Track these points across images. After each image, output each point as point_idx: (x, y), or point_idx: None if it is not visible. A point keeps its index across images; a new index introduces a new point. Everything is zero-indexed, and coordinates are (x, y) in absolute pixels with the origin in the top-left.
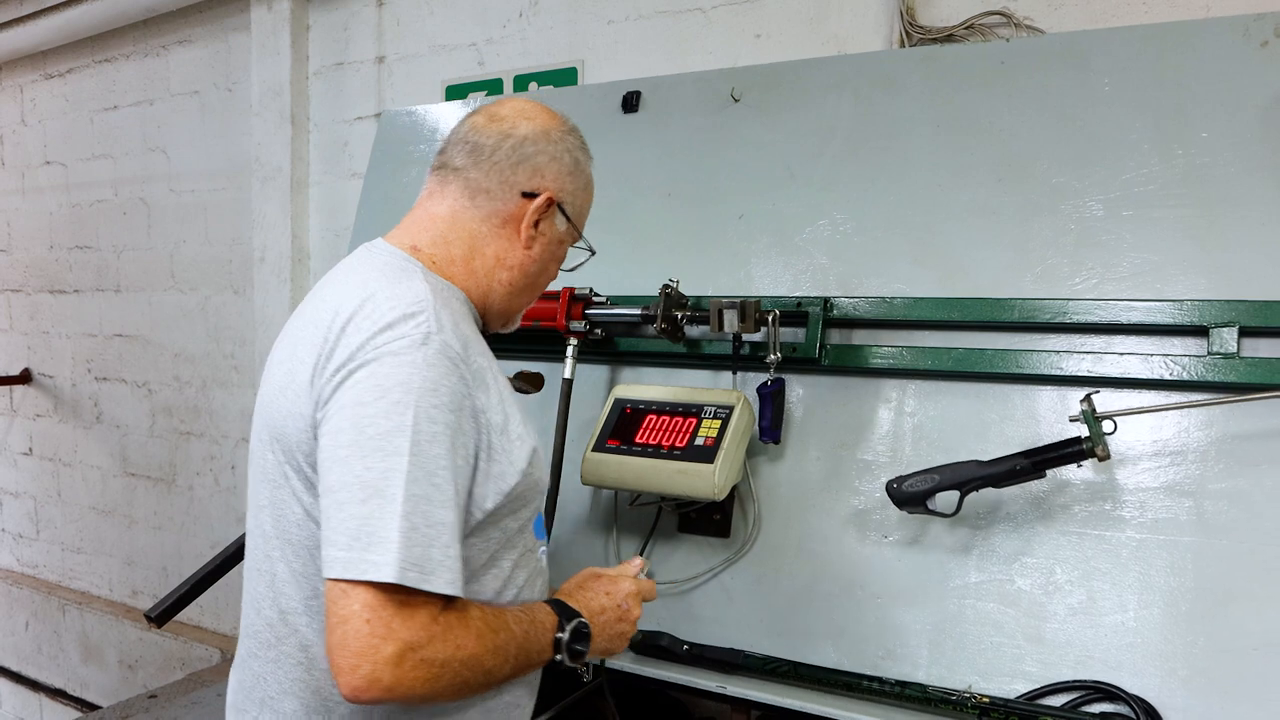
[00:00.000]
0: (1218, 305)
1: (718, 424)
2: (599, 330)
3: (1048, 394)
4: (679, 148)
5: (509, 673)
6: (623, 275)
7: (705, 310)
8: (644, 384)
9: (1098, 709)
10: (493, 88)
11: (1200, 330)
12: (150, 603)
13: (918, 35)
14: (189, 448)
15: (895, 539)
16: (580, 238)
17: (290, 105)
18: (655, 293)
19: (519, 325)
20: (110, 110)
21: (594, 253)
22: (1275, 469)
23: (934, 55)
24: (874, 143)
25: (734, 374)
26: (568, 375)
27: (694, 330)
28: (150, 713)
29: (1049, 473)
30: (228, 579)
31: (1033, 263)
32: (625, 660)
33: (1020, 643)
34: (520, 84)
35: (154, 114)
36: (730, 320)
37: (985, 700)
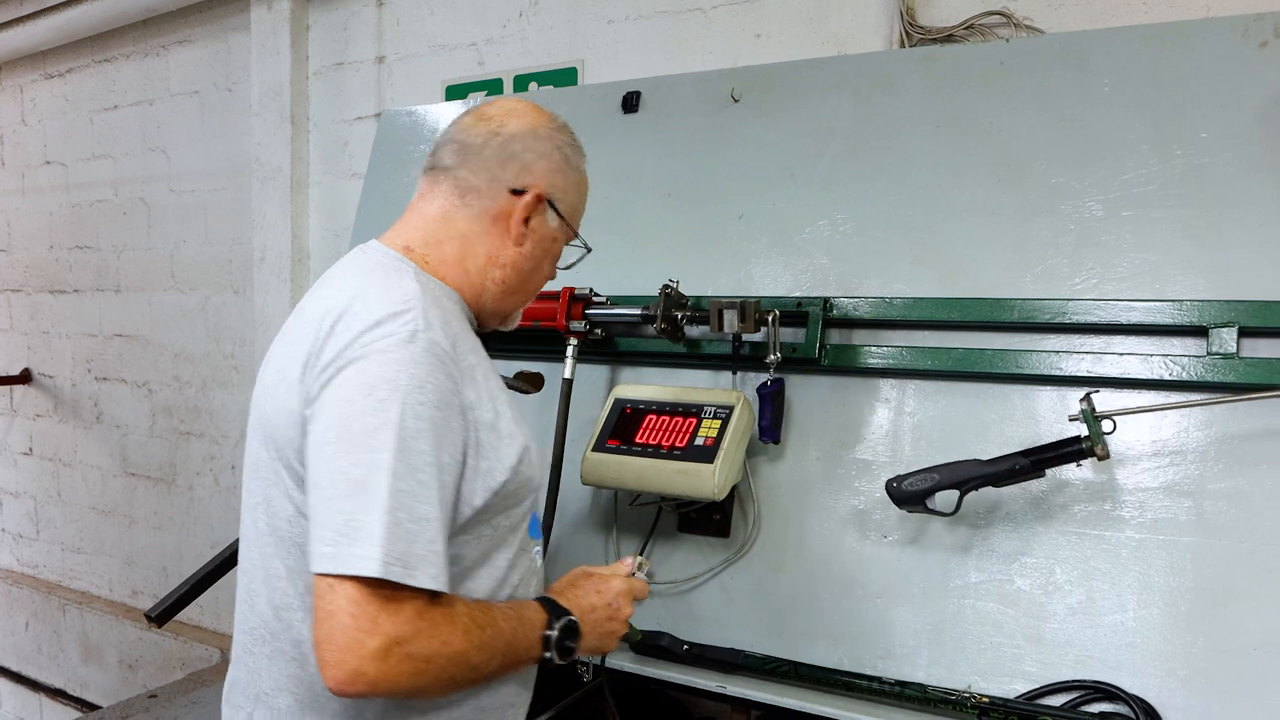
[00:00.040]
0: (1217, 305)
1: (718, 424)
2: (599, 330)
3: (1047, 394)
4: (679, 148)
5: (496, 669)
6: (623, 275)
7: (705, 310)
8: (644, 384)
9: (1097, 709)
10: (493, 88)
11: (1200, 330)
12: (150, 602)
13: (918, 35)
14: (189, 448)
15: (895, 539)
16: (575, 235)
17: (290, 105)
18: (655, 293)
19: (519, 323)
20: (110, 110)
21: (589, 250)
22: (1275, 469)
23: (934, 55)
24: (874, 143)
25: (734, 374)
26: (568, 375)
27: (694, 330)
28: (150, 713)
29: (1048, 472)
30: (228, 579)
31: (1032, 263)
32: (625, 660)
33: (1020, 642)
34: (520, 84)
35: (154, 114)
36: (730, 320)
37: (985, 700)
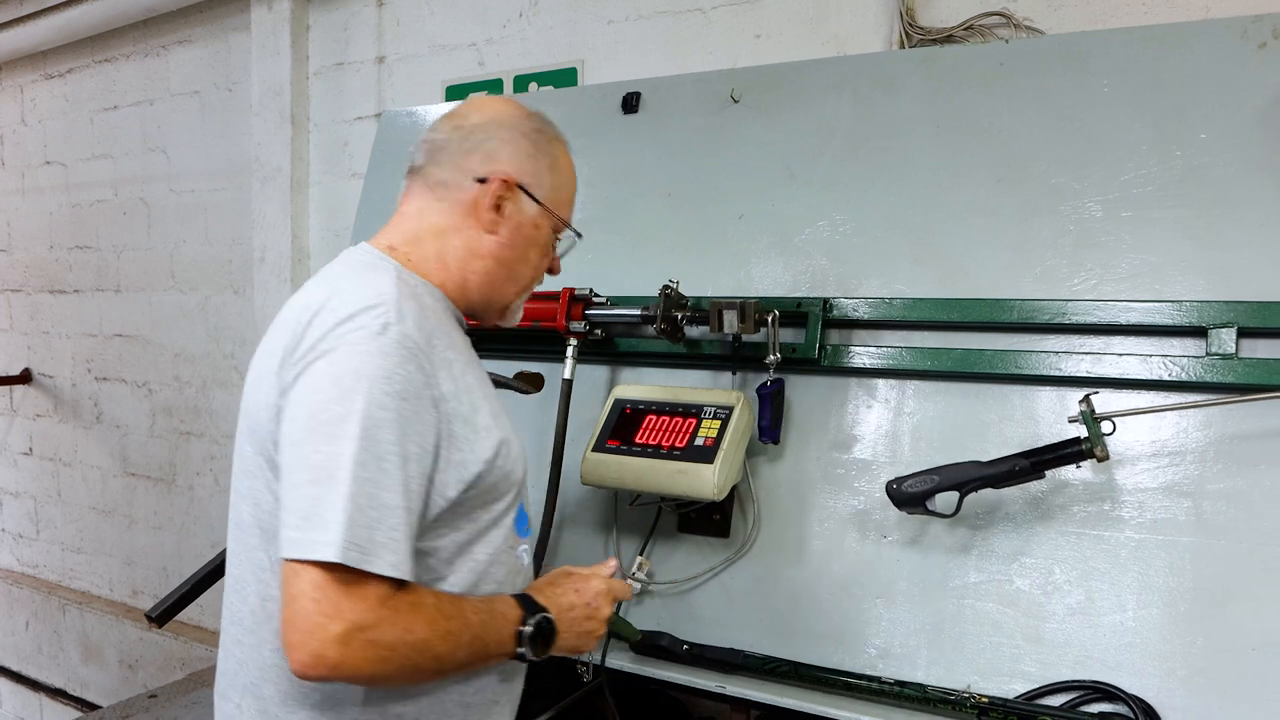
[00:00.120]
0: (1216, 306)
1: (717, 424)
2: (599, 331)
3: (1047, 394)
4: (679, 148)
5: (464, 660)
6: (623, 275)
7: (705, 311)
8: (644, 384)
9: (1096, 709)
10: (493, 88)
11: (1199, 331)
12: (150, 602)
13: (917, 36)
14: (189, 448)
15: (894, 539)
16: (557, 218)
17: (290, 105)
18: (655, 293)
19: (520, 318)
20: (110, 110)
21: (579, 235)
22: (1274, 469)
23: (934, 56)
24: (874, 143)
25: (734, 374)
26: (567, 375)
27: (694, 330)
28: (150, 712)
29: (1048, 473)
30: None
31: (1032, 263)
32: (625, 660)
33: (1019, 642)
34: (520, 84)
35: (154, 114)
36: (730, 321)
37: (984, 700)
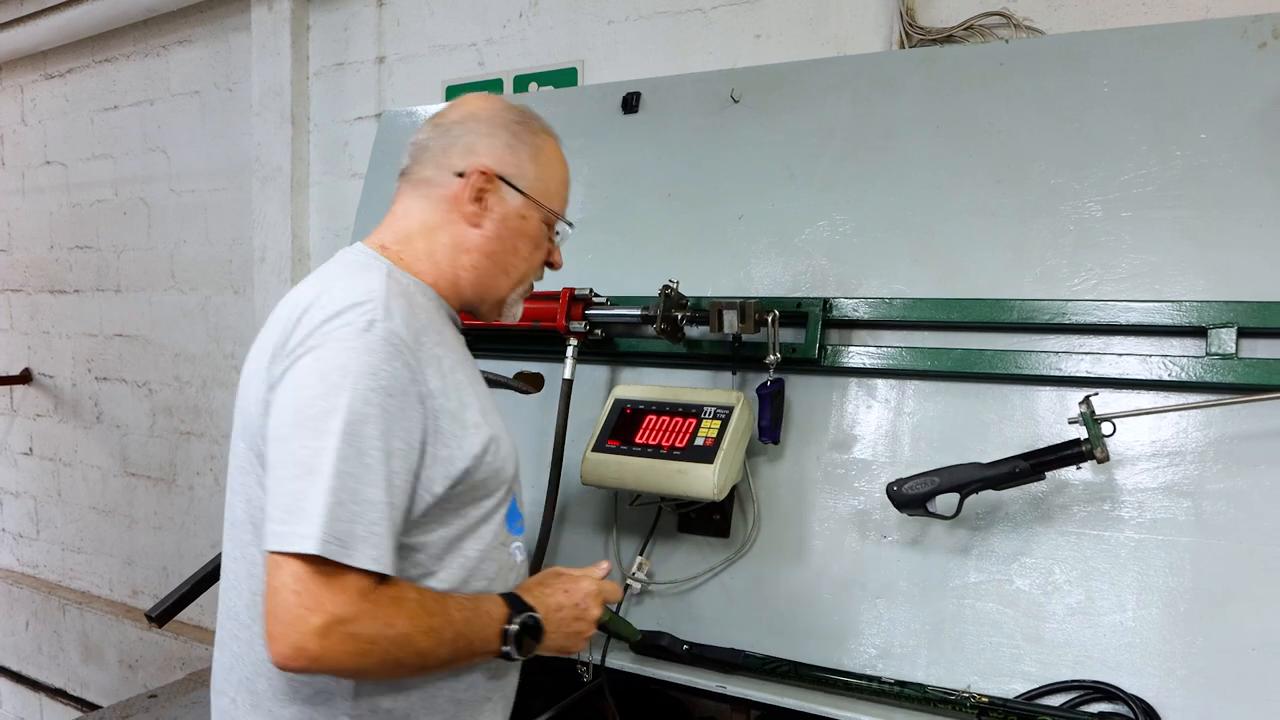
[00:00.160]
0: (1216, 306)
1: (717, 424)
2: (599, 331)
3: (1046, 394)
4: (679, 148)
5: (447, 657)
6: (623, 275)
7: (705, 311)
8: (644, 384)
9: (1096, 709)
10: (493, 88)
11: (1199, 331)
12: (150, 602)
13: (917, 36)
14: (189, 447)
15: (894, 539)
16: (545, 209)
17: (290, 105)
18: (655, 293)
19: (520, 315)
20: (110, 110)
21: (570, 224)
22: (1274, 469)
23: (933, 56)
24: (873, 144)
25: (734, 374)
26: (568, 375)
27: (694, 331)
28: (150, 712)
29: (1048, 474)
30: None
31: (1031, 264)
32: (625, 660)
33: (1019, 642)
34: (520, 84)
35: (154, 114)
36: (730, 321)
37: (984, 700)
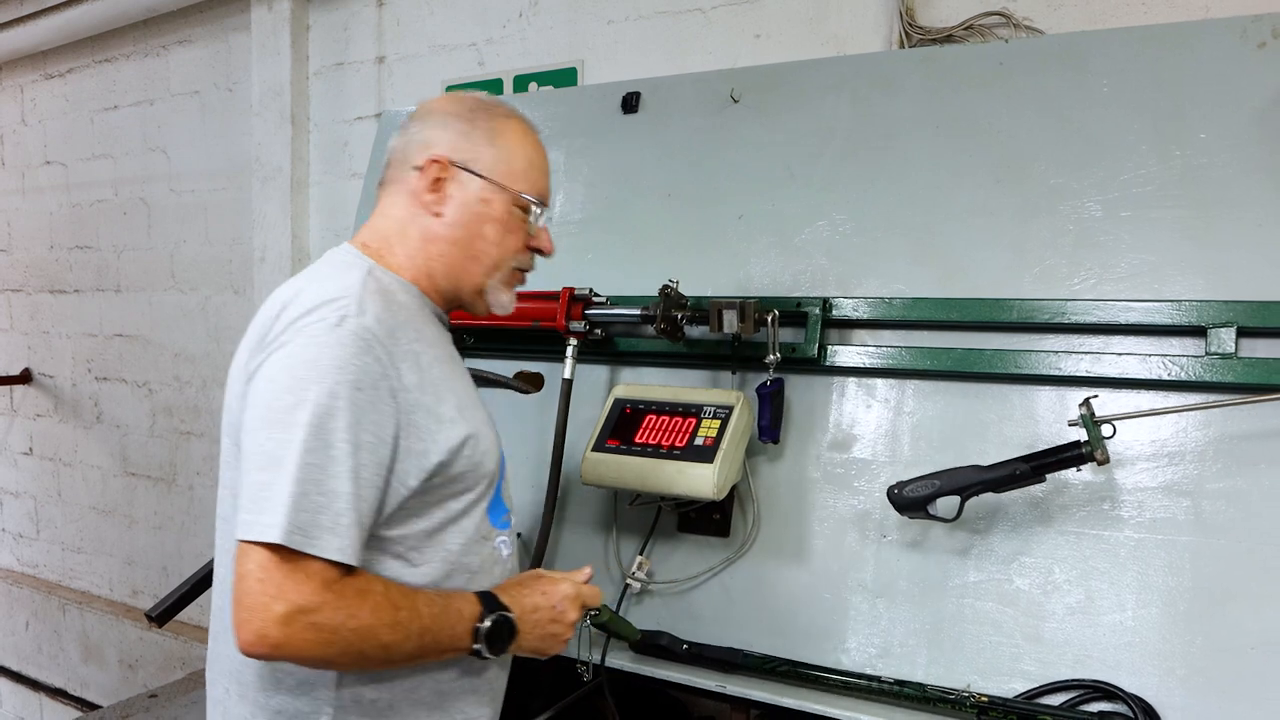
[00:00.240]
0: (1215, 305)
1: (717, 424)
2: (599, 330)
3: (1046, 394)
4: (679, 148)
5: (413, 651)
6: (623, 275)
7: (705, 310)
8: (644, 384)
9: (1096, 708)
10: (493, 88)
11: (1198, 330)
12: (150, 602)
13: (917, 36)
14: (189, 447)
15: (894, 539)
16: (507, 189)
17: (290, 105)
18: (655, 293)
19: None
20: (110, 110)
21: (538, 204)
22: (1273, 469)
23: (933, 56)
24: (873, 143)
25: (733, 374)
26: (567, 375)
27: (693, 330)
28: (150, 712)
29: (1048, 475)
30: None
31: (1031, 263)
32: (625, 660)
33: (1019, 642)
34: (520, 84)
35: (154, 114)
36: (730, 320)
37: (984, 699)
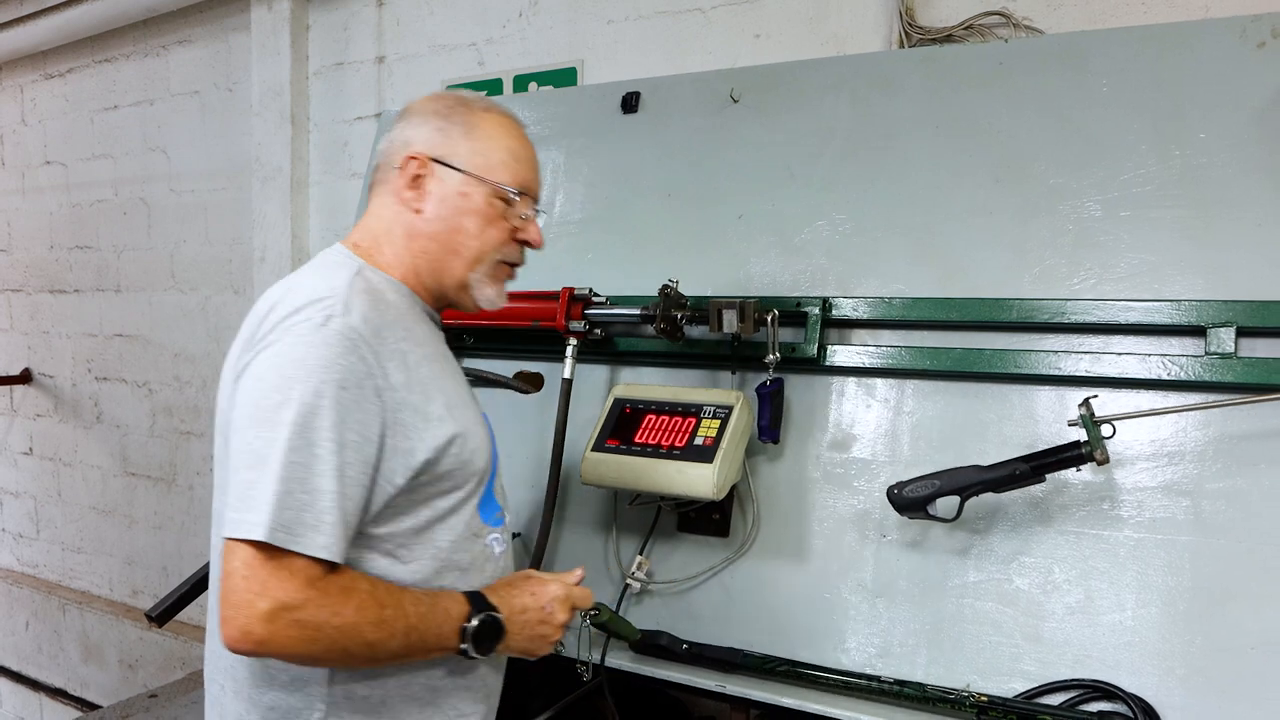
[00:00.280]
0: (1215, 305)
1: (717, 424)
2: (599, 330)
3: (1046, 394)
4: (678, 148)
5: (398, 650)
6: (622, 275)
7: (704, 310)
8: (643, 384)
9: (1096, 708)
10: (492, 88)
11: (1198, 330)
12: (150, 602)
13: (917, 35)
14: (189, 447)
15: (893, 539)
16: (486, 181)
17: (290, 105)
18: (655, 293)
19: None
20: (110, 110)
21: (526, 196)
22: (1273, 468)
23: (933, 56)
24: (873, 143)
25: (733, 374)
26: (567, 375)
27: (693, 330)
28: (150, 712)
29: (1047, 475)
30: None
31: (1031, 263)
32: (625, 659)
33: (1018, 642)
34: (520, 84)
35: (154, 114)
36: (729, 320)
37: (983, 699)
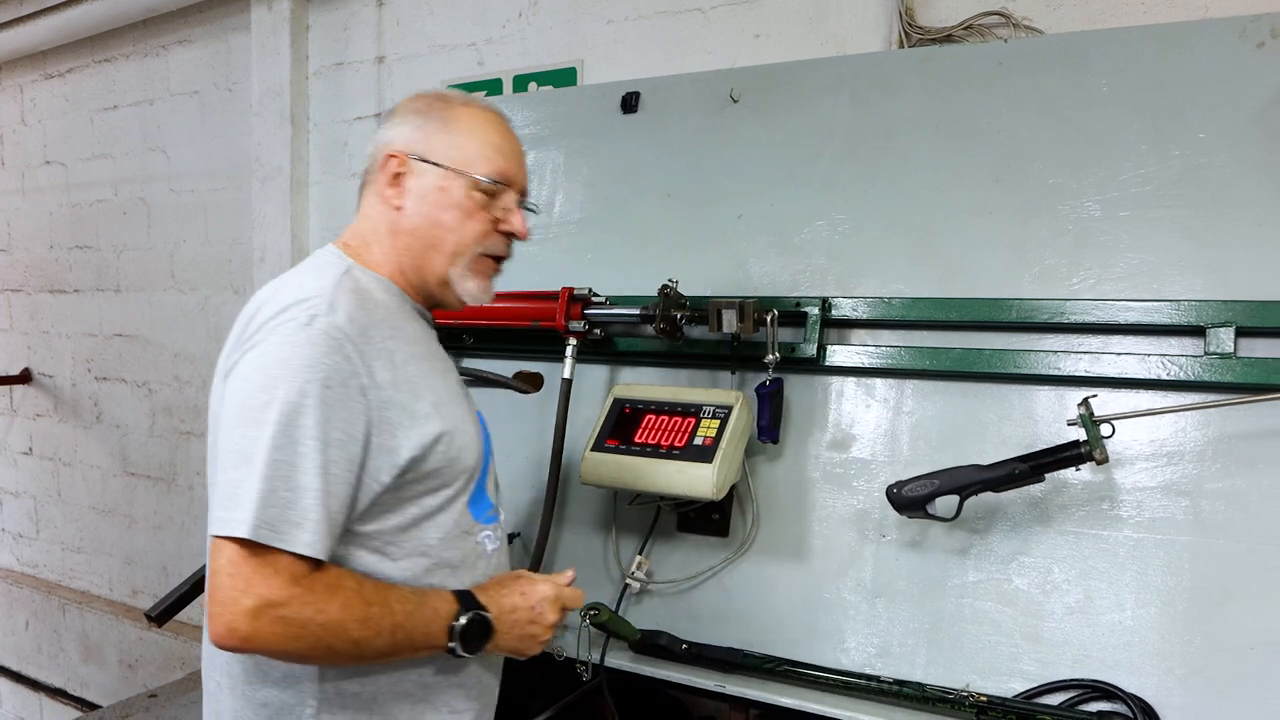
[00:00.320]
0: (1214, 305)
1: (716, 424)
2: (598, 330)
3: (1045, 394)
4: (678, 148)
5: (385, 647)
6: (622, 275)
7: (704, 310)
8: (643, 383)
9: (1095, 708)
10: (492, 88)
11: (1197, 330)
12: (150, 602)
13: (917, 35)
14: (189, 447)
15: (893, 538)
16: (463, 174)
17: (290, 105)
18: (654, 293)
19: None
20: (110, 110)
21: (499, 184)
22: (1272, 468)
23: (932, 56)
24: (872, 143)
25: (733, 374)
26: (567, 375)
27: (693, 330)
28: (150, 712)
29: (1047, 475)
30: None
31: (1030, 263)
32: (624, 659)
33: (1018, 641)
34: (520, 84)
35: (154, 114)
36: (729, 320)
37: (983, 699)
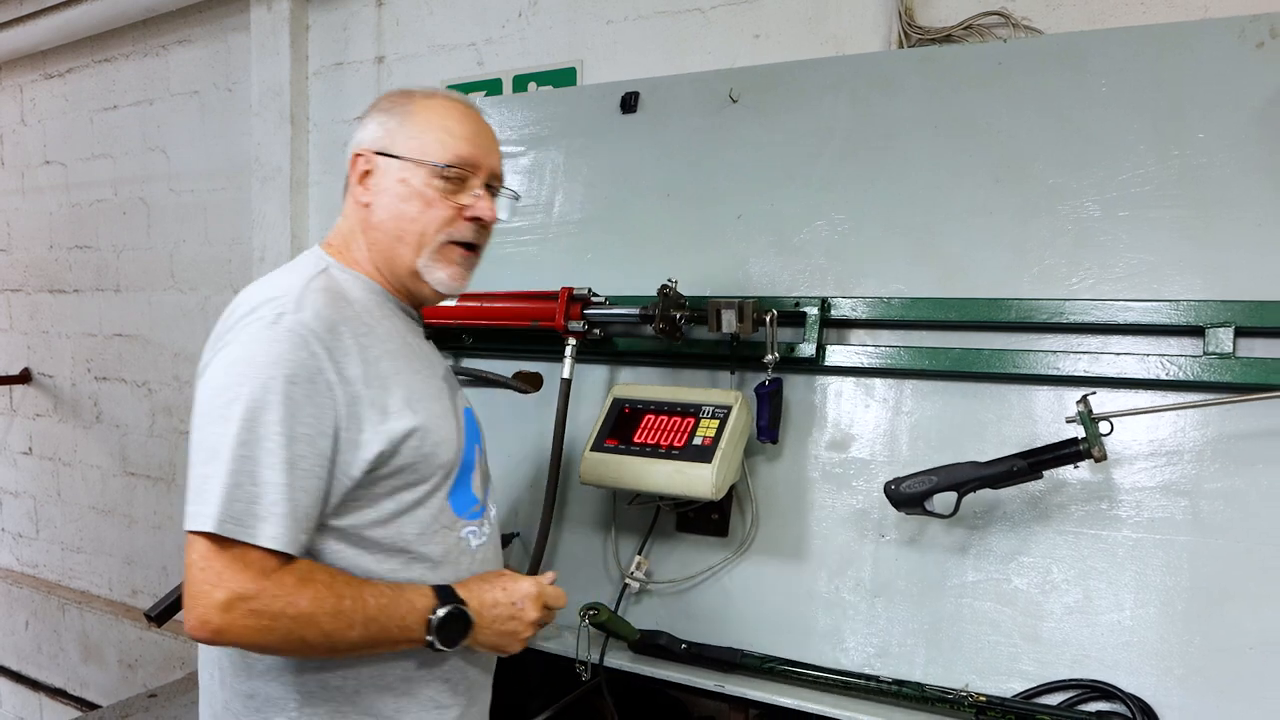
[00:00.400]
0: (1214, 305)
1: (716, 424)
2: (598, 330)
3: (1045, 394)
4: (677, 148)
5: (358, 641)
6: (621, 275)
7: (703, 310)
8: (642, 383)
9: (1094, 707)
10: (492, 88)
11: (1196, 330)
12: (150, 602)
13: (916, 35)
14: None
15: (892, 538)
16: (423, 164)
17: (290, 105)
18: (654, 293)
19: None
20: (110, 110)
21: (458, 169)
22: (1271, 468)
23: (932, 56)
24: (872, 143)
25: (732, 374)
26: (566, 375)
27: (692, 330)
28: (150, 712)
29: (1045, 473)
30: None
31: (1030, 263)
32: (624, 659)
33: (1017, 641)
34: (519, 84)
35: (154, 114)
36: (728, 320)
37: (982, 699)
